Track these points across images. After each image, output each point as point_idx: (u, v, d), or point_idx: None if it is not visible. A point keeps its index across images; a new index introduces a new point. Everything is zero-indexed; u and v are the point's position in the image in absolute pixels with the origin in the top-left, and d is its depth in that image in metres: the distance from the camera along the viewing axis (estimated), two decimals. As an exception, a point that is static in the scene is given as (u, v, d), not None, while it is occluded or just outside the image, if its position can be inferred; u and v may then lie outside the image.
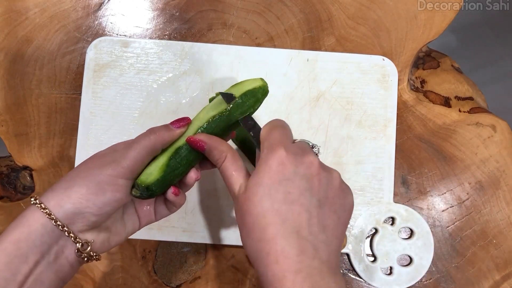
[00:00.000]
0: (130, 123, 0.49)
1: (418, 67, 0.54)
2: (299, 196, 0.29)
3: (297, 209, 0.29)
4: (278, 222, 0.28)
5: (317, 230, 0.29)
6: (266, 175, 0.30)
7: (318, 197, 0.30)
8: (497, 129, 0.51)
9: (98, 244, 0.33)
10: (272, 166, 0.30)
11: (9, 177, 0.50)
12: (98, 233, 0.33)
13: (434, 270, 0.49)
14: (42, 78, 0.50)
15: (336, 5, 0.52)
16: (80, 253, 0.31)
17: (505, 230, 0.50)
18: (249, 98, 0.36)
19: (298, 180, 0.30)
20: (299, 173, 0.30)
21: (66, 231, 0.30)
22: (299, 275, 0.27)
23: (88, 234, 0.32)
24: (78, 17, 0.51)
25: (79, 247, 0.31)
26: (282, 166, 0.30)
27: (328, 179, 0.31)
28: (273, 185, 0.29)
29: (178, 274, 0.49)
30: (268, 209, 0.29)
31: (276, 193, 0.29)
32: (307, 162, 0.30)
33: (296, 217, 0.29)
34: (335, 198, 0.31)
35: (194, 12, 0.52)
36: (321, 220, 0.29)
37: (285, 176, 0.29)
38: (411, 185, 0.50)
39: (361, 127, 0.50)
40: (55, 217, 0.30)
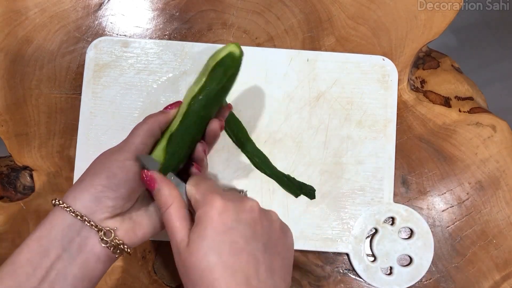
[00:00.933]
0: (130, 123, 0.49)
1: (418, 67, 0.54)
2: (245, 244, 0.28)
3: (245, 258, 0.28)
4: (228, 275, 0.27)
5: (266, 276, 0.29)
6: (209, 226, 0.29)
7: (263, 242, 0.30)
8: (497, 129, 0.51)
9: (123, 233, 0.32)
10: (213, 217, 0.29)
11: (9, 177, 0.50)
12: (122, 221, 0.33)
13: (434, 270, 0.49)
14: (42, 78, 0.50)
15: (336, 5, 0.52)
16: (106, 241, 0.31)
17: (505, 230, 0.50)
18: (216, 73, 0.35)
19: (242, 228, 0.29)
20: (242, 220, 0.29)
21: (85, 220, 0.30)
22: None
23: (111, 222, 0.32)
24: (78, 17, 0.51)
25: (101, 235, 0.31)
26: (223, 214, 0.29)
27: (269, 221, 0.31)
28: (217, 237, 0.28)
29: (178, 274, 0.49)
30: (215, 263, 0.28)
31: (222, 245, 0.28)
32: (248, 208, 0.30)
33: (245, 266, 0.28)
34: (277, 240, 0.31)
35: (194, 12, 0.52)
36: (268, 265, 0.29)
37: (228, 225, 0.29)
38: (411, 185, 0.50)
39: (361, 127, 0.50)
40: (73, 209, 0.30)
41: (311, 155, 0.49)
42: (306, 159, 0.49)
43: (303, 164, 0.49)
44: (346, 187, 0.49)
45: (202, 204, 0.30)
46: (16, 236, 0.49)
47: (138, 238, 0.33)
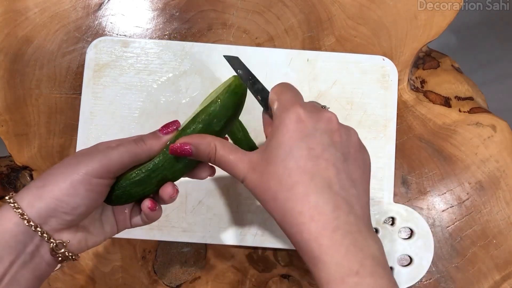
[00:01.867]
0: (130, 123, 0.49)
1: (418, 67, 0.54)
2: (323, 151, 0.28)
3: (323, 164, 0.27)
4: (306, 179, 0.27)
5: (348, 185, 0.28)
6: (286, 134, 0.28)
7: (342, 152, 0.29)
8: (497, 129, 0.51)
9: (75, 244, 0.32)
10: (290, 125, 0.28)
11: (9, 177, 0.50)
12: (75, 232, 0.32)
13: (434, 270, 0.49)
14: (42, 78, 0.50)
15: (336, 5, 0.52)
16: (55, 253, 0.31)
17: (505, 230, 0.50)
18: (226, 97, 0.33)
19: (319, 136, 0.28)
20: (319, 128, 0.29)
21: (39, 231, 0.29)
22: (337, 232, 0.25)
23: (64, 234, 0.31)
24: (78, 17, 0.51)
25: (53, 247, 0.30)
26: (301, 123, 0.28)
27: (347, 134, 0.30)
28: (294, 143, 0.28)
29: (178, 274, 0.49)
30: (293, 167, 0.27)
31: (299, 150, 0.27)
32: (325, 118, 0.29)
33: (324, 172, 0.27)
34: (356, 153, 0.30)
35: (194, 12, 0.52)
36: (349, 174, 0.28)
37: (305, 133, 0.28)
38: (411, 185, 0.50)
39: (361, 127, 0.50)
40: (28, 217, 0.29)
41: (311, 155, 0.49)
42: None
43: (303, 164, 0.49)
44: (346, 187, 0.49)
45: (281, 113, 0.30)
46: (16, 236, 0.49)
47: (88, 246, 0.33)
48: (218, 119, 0.33)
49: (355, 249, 0.25)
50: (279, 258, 0.49)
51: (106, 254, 0.49)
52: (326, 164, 0.27)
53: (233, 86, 0.33)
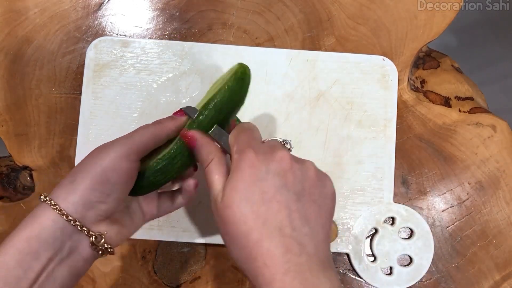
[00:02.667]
0: (130, 123, 0.49)
1: (418, 67, 0.54)
2: (275, 193, 0.29)
3: (276, 206, 0.28)
4: (259, 224, 0.28)
5: (300, 224, 0.28)
6: (240, 179, 0.29)
7: (295, 191, 0.29)
8: (497, 129, 0.51)
9: (112, 236, 0.33)
10: (244, 170, 0.29)
11: (9, 177, 0.50)
12: (111, 224, 0.33)
13: (434, 270, 0.49)
14: (42, 78, 0.50)
15: (336, 5, 0.52)
16: (95, 246, 0.31)
17: (505, 230, 0.50)
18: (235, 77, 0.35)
19: (271, 178, 0.29)
20: (271, 171, 0.29)
21: (78, 225, 0.30)
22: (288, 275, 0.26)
23: (102, 226, 0.32)
24: (78, 17, 0.51)
25: (93, 240, 0.31)
26: (253, 168, 0.29)
27: (302, 170, 0.31)
28: (247, 188, 0.29)
29: (178, 274, 0.49)
30: (247, 213, 0.28)
31: (252, 195, 0.28)
32: (277, 159, 0.30)
33: (276, 215, 0.28)
34: (312, 188, 0.30)
35: (194, 12, 0.52)
36: (302, 213, 0.29)
37: (258, 177, 0.29)
38: (411, 185, 0.50)
39: (361, 127, 0.50)
40: (66, 212, 0.30)
41: (311, 155, 0.49)
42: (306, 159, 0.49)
43: (303, 164, 0.49)
44: (346, 187, 0.49)
45: (237, 157, 0.31)
46: (16, 236, 0.49)
47: (123, 239, 0.34)
48: (227, 104, 0.35)
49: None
50: (279, 258, 0.49)
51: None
52: (278, 206, 0.28)
53: (239, 73, 0.35)
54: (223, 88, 0.35)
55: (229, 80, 0.35)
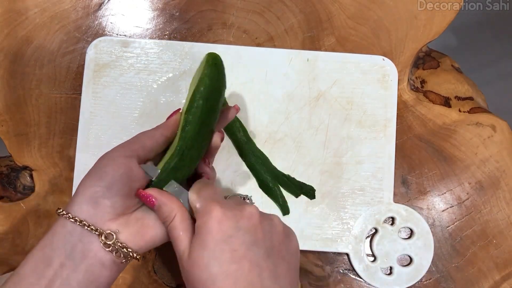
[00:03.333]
0: (130, 123, 0.49)
1: (418, 67, 0.54)
2: (246, 251, 0.28)
3: (246, 265, 0.28)
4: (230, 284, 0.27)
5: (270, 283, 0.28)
6: (208, 236, 0.28)
7: (265, 248, 0.29)
8: (497, 129, 0.51)
9: (128, 237, 0.31)
10: (212, 227, 0.29)
11: (9, 177, 0.50)
12: (126, 223, 0.31)
13: (434, 270, 0.49)
14: (42, 78, 0.50)
15: (336, 5, 0.52)
16: (108, 245, 0.30)
17: (505, 230, 0.50)
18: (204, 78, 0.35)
19: (241, 235, 0.29)
20: (242, 227, 0.29)
21: (85, 224, 0.29)
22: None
23: (113, 224, 0.31)
24: (78, 17, 0.51)
25: (103, 239, 0.30)
26: (222, 223, 0.29)
27: (271, 226, 0.31)
28: (217, 246, 0.28)
29: (178, 274, 0.49)
30: (216, 273, 0.27)
31: (222, 254, 0.28)
32: (246, 215, 0.30)
33: (247, 274, 0.28)
34: (281, 245, 0.31)
35: (194, 12, 0.52)
36: (272, 270, 0.29)
37: (228, 233, 0.28)
38: (411, 185, 0.50)
39: (361, 127, 0.50)
40: (72, 215, 0.30)
41: (311, 155, 0.49)
42: (306, 159, 0.49)
43: (303, 164, 0.49)
44: (346, 187, 0.49)
45: (202, 214, 0.30)
46: (16, 236, 0.49)
47: (146, 241, 0.32)
48: (212, 93, 0.35)
49: None
50: (279, 258, 0.49)
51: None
52: (249, 265, 0.28)
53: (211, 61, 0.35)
54: (202, 79, 0.34)
55: (205, 70, 0.35)
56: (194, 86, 0.35)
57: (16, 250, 0.48)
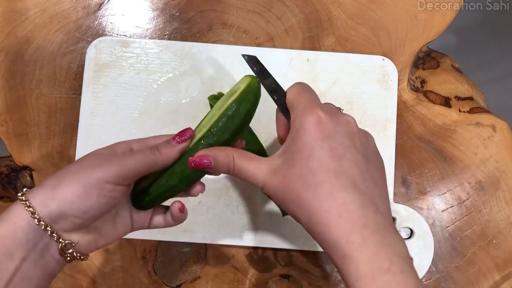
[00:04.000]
0: (130, 123, 0.49)
1: (418, 67, 0.54)
2: (345, 151, 0.28)
3: (346, 163, 0.28)
4: (331, 177, 0.27)
5: (372, 184, 0.28)
6: (307, 135, 0.28)
7: (362, 153, 0.29)
8: (497, 129, 0.51)
9: (84, 245, 0.32)
10: (311, 127, 0.29)
11: (9, 177, 0.50)
12: (85, 233, 0.32)
13: (434, 270, 0.49)
14: (42, 78, 0.50)
15: (336, 5, 0.52)
16: (63, 253, 0.31)
17: (505, 230, 0.50)
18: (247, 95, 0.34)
19: (340, 137, 0.29)
20: (340, 131, 0.29)
21: (49, 230, 0.29)
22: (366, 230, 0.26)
23: (74, 235, 0.31)
24: (78, 17, 0.51)
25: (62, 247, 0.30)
26: (322, 125, 0.29)
27: (366, 138, 0.31)
28: (316, 144, 0.28)
29: (178, 274, 0.49)
30: (317, 167, 0.27)
31: (322, 151, 0.28)
32: (344, 121, 0.30)
33: (348, 171, 0.27)
34: (375, 157, 0.31)
35: (194, 12, 0.52)
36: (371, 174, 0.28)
37: (326, 134, 0.28)
38: (411, 185, 0.50)
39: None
40: (39, 216, 0.29)
41: (311, 155, 0.49)
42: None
43: (303, 164, 0.49)
44: (346, 187, 0.49)
45: (301, 115, 0.30)
46: (16, 236, 0.49)
47: (99, 247, 0.33)
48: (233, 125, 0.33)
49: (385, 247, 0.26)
50: (279, 258, 0.49)
51: (106, 254, 0.49)
52: (349, 164, 0.28)
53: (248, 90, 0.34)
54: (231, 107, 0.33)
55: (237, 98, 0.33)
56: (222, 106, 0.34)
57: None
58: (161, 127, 0.49)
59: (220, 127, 0.33)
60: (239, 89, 0.34)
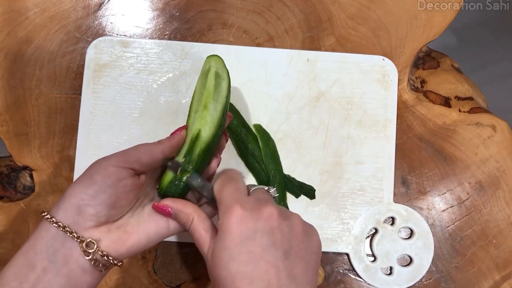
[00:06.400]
0: (130, 123, 0.49)
1: (418, 67, 0.54)
2: (263, 252, 0.29)
3: (263, 266, 0.28)
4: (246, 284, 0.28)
5: (287, 283, 0.28)
6: (228, 237, 0.29)
7: (283, 249, 0.30)
8: (497, 129, 0.51)
9: (109, 244, 0.31)
10: (232, 228, 0.29)
11: (9, 177, 0.50)
12: (108, 231, 0.32)
13: (434, 270, 0.49)
14: (42, 78, 0.50)
15: (336, 5, 0.52)
16: (88, 253, 0.30)
17: (505, 230, 0.50)
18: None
19: (259, 237, 0.29)
20: (259, 229, 0.30)
21: (67, 230, 0.30)
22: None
23: (96, 232, 0.31)
24: (78, 17, 0.51)
25: (83, 246, 0.30)
26: (241, 225, 0.29)
27: (289, 227, 0.31)
28: (235, 247, 0.29)
29: (178, 274, 0.49)
30: (235, 272, 0.28)
31: (240, 255, 0.29)
32: (265, 216, 0.30)
33: (263, 275, 0.28)
34: (300, 245, 0.31)
35: (194, 12, 0.52)
36: (289, 271, 0.29)
37: (245, 235, 0.29)
38: (411, 185, 0.50)
39: (361, 127, 0.50)
40: (56, 219, 0.30)
41: (311, 155, 0.49)
42: (306, 159, 0.49)
43: (303, 164, 0.49)
44: (346, 187, 0.49)
45: (223, 213, 0.31)
46: (16, 236, 0.49)
47: (127, 248, 0.32)
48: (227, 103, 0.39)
49: None
50: (279, 258, 0.49)
51: (106, 254, 0.49)
52: (266, 266, 0.28)
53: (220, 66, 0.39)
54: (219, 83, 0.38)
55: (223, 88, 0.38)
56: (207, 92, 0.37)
57: (16, 250, 0.48)
58: (161, 127, 0.49)
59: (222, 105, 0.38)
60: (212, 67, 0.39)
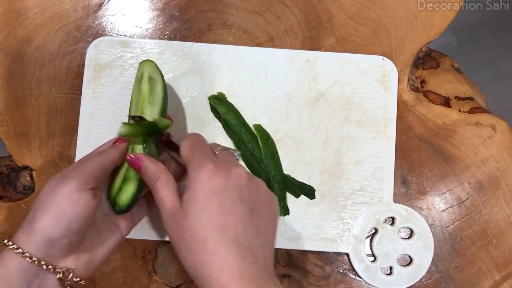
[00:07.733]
0: (130, 123, 0.49)
1: (418, 67, 0.54)
2: (233, 206, 0.31)
3: (232, 218, 0.30)
4: (217, 232, 0.29)
5: (253, 237, 0.31)
6: (200, 189, 0.31)
7: (249, 206, 0.32)
8: (497, 129, 0.51)
9: (81, 268, 0.33)
10: (204, 181, 0.31)
11: (9, 177, 0.50)
12: (78, 256, 0.33)
13: (434, 270, 0.49)
14: (42, 78, 0.50)
15: (336, 5, 0.52)
16: (63, 282, 0.31)
17: (505, 230, 0.50)
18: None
19: (229, 192, 0.31)
20: (230, 185, 0.31)
21: (43, 264, 0.30)
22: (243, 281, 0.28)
23: (69, 260, 0.32)
24: (78, 17, 0.51)
25: (60, 277, 0.31)
26: (213, 179, 0.31)
27: (255, 188, 0.33)
28: (207, 198, 0.30)
29: (178, 274, 0.49)
30: (206, 221, 0.30)
31: (211, 205, 0.30)
32: (235, 175, 0.32)
33: (233, 226, 0.30)
34: (263, 206, 0.33)
35: (194, 12, 0.52)
36: (255, 226, 0.31)
37: (217, 189, 0.31)
38: (411, 185, 0.50)
39: (361, 127, 0.50)
40: (29, 254, 0.30)
41: (311, 155, 0.49)
42: (306, 159, 0.49)
43: (303, 164, 0.49)
44: (346, 187, 0.49)
45: (194, 168, 0.32)
46: (16, 236, 0.49)
47: (94, 268, 0.35)
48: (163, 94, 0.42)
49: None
50: (279, 258, 0.49)
51: (106, 254, 0.49)
52: (235, 218, 0.30)
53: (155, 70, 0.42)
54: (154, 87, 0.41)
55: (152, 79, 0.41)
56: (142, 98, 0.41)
57: (16, 250, 0.48)
58: (161, 127, 0.49)
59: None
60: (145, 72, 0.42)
